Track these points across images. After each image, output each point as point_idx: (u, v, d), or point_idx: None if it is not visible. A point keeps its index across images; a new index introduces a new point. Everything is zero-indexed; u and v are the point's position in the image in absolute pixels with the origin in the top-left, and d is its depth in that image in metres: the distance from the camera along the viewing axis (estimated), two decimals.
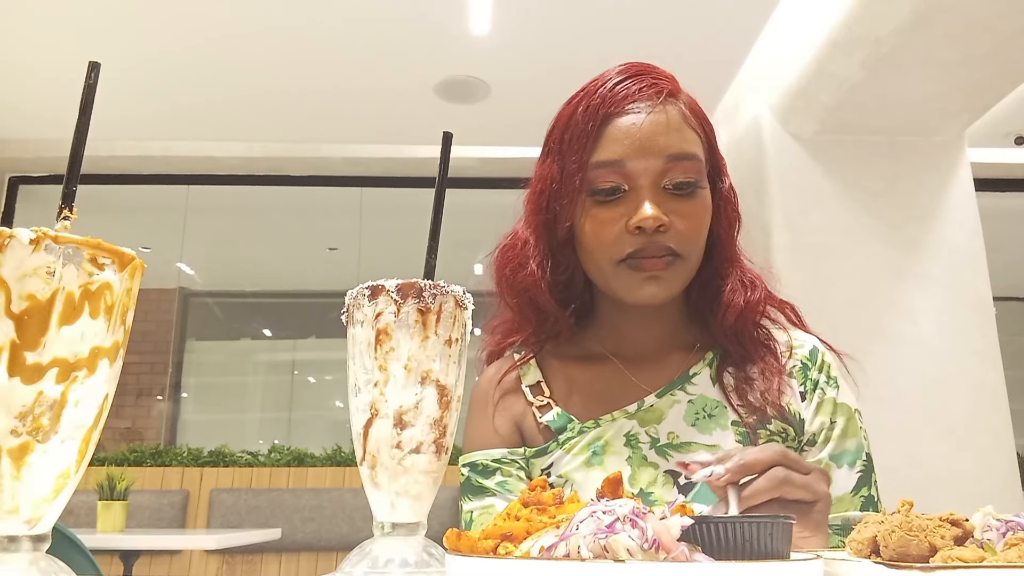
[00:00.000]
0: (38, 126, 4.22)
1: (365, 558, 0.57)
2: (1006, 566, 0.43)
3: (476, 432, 1.00)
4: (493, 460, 0.95)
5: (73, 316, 0.42)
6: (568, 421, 0.95)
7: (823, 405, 0.94)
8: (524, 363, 1.02)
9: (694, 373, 0.96)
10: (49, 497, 0.43)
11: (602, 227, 0.89)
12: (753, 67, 3.50)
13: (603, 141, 0.89)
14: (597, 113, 0.90)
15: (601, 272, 0.91)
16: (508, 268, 0.98)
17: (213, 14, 3.35)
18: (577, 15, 3.33)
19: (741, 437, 0.91)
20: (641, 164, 0.87)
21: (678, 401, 0.94)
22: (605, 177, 0.88)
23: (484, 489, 0.94)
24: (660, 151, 0.87)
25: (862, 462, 0.93)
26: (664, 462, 0.91)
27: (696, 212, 0.89)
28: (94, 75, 0.49)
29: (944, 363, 3.03)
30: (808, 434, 0.93)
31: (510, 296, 0.99)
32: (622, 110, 0.89)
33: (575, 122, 0.91)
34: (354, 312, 0.59)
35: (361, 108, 4.13)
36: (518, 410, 0.99)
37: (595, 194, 0.89)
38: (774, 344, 0.98)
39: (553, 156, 0.94)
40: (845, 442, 0.93)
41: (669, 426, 0.92)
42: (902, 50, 2.61)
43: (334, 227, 5.74)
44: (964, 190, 3.24)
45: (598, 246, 0.89)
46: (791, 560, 0.43)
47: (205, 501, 4.19)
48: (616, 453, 0.92)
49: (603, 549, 0.41)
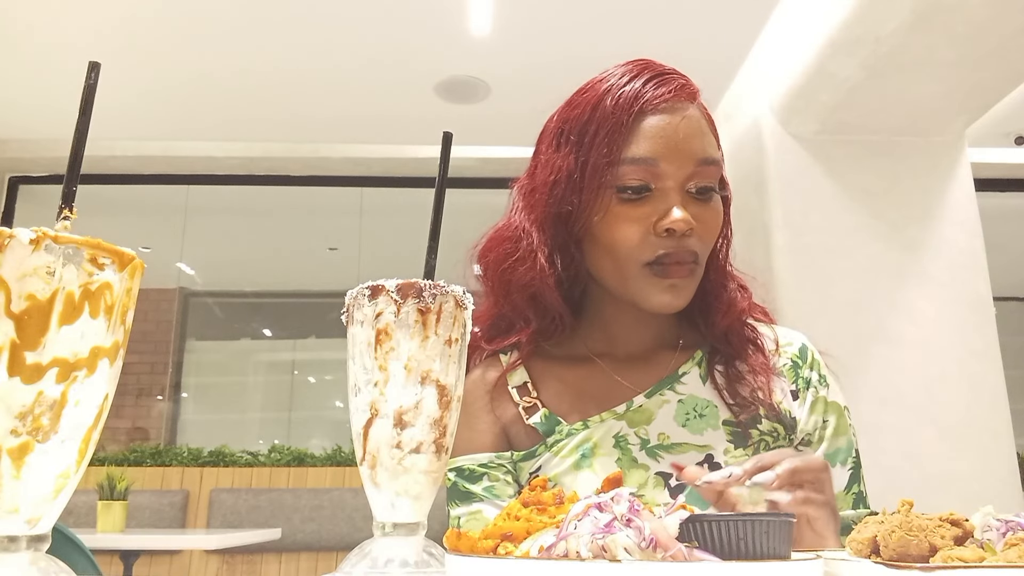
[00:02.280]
0: (38, 126, 4.22)
1: (365, 558, 0.57)
2: (1006, 566, 0.43)
3: (462, 436, 0.96)
4: (480, 465, 0.93)
5: (73, 316, 0.42)
6: (556, 423, 0.93)
7: (816, 404, 0.94)
8: (513, 368, 0.98)
9: (683, 372, 0.95)
10: (49, 497, 0.43)
11: (627, 227, 0.86)
12: (753, 67, 3.50)
13: (636, 137, 0.86)
14: (631, 109, 0.86)
15: (620, 273, 0.88)
16: (506, 261, 0.94)
17: (213, 14, 3.35)
18: (577, 15, 3.32)
19: (732, 437, 0.90)
20: (673, 165, 0.85)
21: (667, 401, 0.92)
22: (635, 174, 0.85)
23: (471, 495, 0.91)
24: (692, 154, 0.86)
25: (852, 459, 0.93)
26: (654, 463, 0.89)
27: (715, 218, 0.89)
28: (94, 75, 0.49)
29: (944, 363, 3.03)
30: (802, 433, 0.93)
31: (507, 292, 0.95)
32: (656, 108, 0.87)
33: (603, 115, 0.87)
34: (354, 312, 0.59)
35: (361, 108, 4.12)
36: (504, 412, 0.96)
37: (622, 191, 0.86)
38: (762, 340, 0.97)
39: (572, 148, 0.89)
40: (837, 440, 0.93)
41: (659, 427, 0.91)
42: (902, 50, 2.61)
43: (334, 227, 5.74)
44: (964, 190, 3.24)
45: (621, 246, 0.86)
46: (791, 560, 0.43)
47: (205, 501, 4.19)
48: (605, 455, 0.90)
49: (601, 549, 0.41)
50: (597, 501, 0.44)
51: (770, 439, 0.91)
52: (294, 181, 4.81)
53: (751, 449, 0.90)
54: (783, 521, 0.44)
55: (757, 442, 0.90)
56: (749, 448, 0.90)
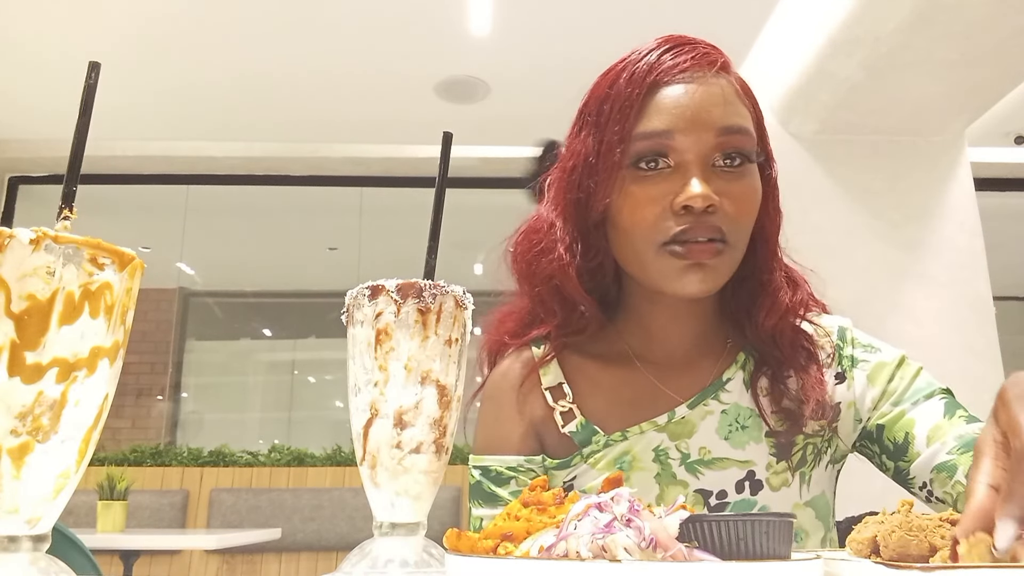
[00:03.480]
0: (38, 126, 4.22)
1: (365, 558, 0.57)
2: (1006, 566, 0.43)
3: (491, 433, 0.91)
4: (508, 468, 0.88)
5: (73, 316, 0.42)
6: (593, 433, 0.87)
7: (875, 374, 0.88)
8: (544, 364, 0.92)
9: (728, 379, 0.89)
10: (49, 497, 0.43)
11: (643, 206, 0.79)
12: (753, 67, 3.50)
13: (649, 111, 0.80)
14: (644, 81, 0.81)
15: (639, 258, 0.81)
16: (531, 253, 0.89)
17: (213, 14, 3.35)
18: (577, 15, 3.33)
19: (776, 449, 0.86)
20: (691, 137, 0.78)
21: (711, 412, 0.87)
22: (649, 149, 0.79)
23: (497, 498, 0.87)
24: (712, 123, 0.79)
25: (940, 389, 0.85)
26: (694, 480, 0.85)
27: (746, 193, 0.81)
28: (94, 75, 0.49)
29: (944, 363, 3.02)
30: (871, 401, 0.87)
31: (532, 284, 0.90)
32: (671, 79, 0.80)
33: (617, 91, 0.82)
34: (354, 312, 0.59)
35: (361, 108, 4.13)
36: (537, 414, 0.90)
37: (637, 169, 0.80)
38: (815, 349, 0.90)
39: (589, 129, 0.84)
40: (917, 383, 0.86)
41: (700, 440, 0.86)
42: (902, 50, 2.61)
43: (334, 227, 5.74)
44: (964, 190, 3.25)
45: (638, 227, 0.80)
46: (791, 560, 0.43)
47: (205, 501, 4.19)
48: (644, 469, 0.85)
49: (601, 549, 0.41)
50: (597, 501, 0.44)
51: (818, 440, 0.87)
52: (294, 181, 4.81)
53: (796, 458, 0.86)
54: (783, 521, 0.44)
55: (802, 448, 0.87)
56: (794, 457, 0.86)
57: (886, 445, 0.86)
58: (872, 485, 0.99)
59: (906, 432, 0.84)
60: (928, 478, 0.81)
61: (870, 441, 0.88)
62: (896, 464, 0.85)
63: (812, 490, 0.88)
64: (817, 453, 0.89)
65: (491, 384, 0.95)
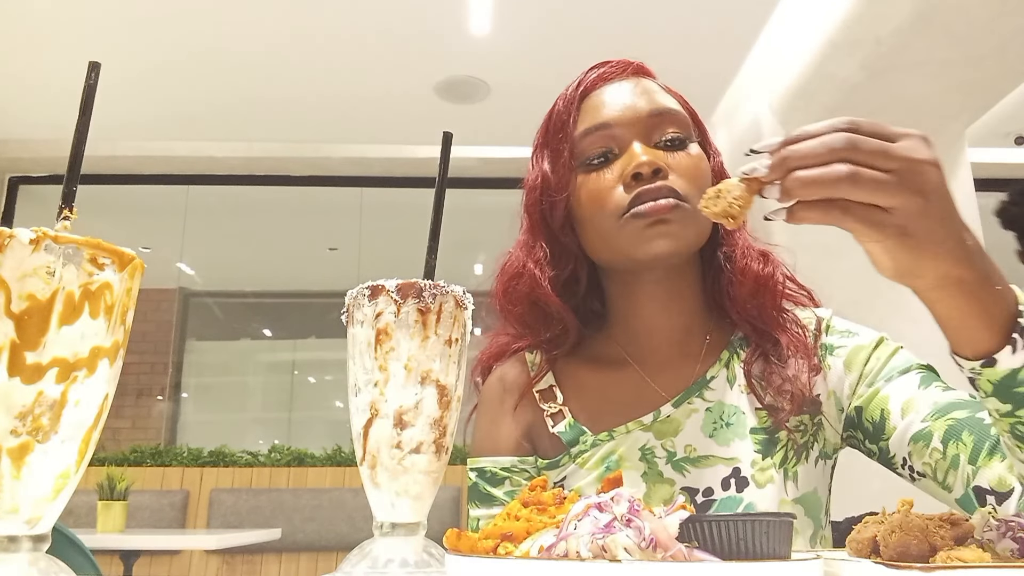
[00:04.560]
0: (38, 126, 4.22)
1: (365, 558, 0.57)
2: (1006, 566, 0.43)
3: (486, 435, 0.95)
4: (503, 468, 0.91)
5: (73, 316, 0.42)
6: (580, 433, 0.90)
7: (851, 359, 0.88)
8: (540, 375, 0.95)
9: (712, 377, 0.91)
10: (49, 497, 0.43)
11: (599, 190, 0.86)
12: (753, 67, 3.50)
13: (584, 115, 0.90)
14: (575, 94, 0.91)
15: (604, 237, 0.86)
16: (507, 280, 0.94)
17: (213, 15, 3.35)
18: (577, 16, 3.33)
19: (760, 446, 0.87)
20: (626, 124, 0.87)
21: (695, 410, 0.89)
22: (594, 144, 0.87)
23: (493, 498, 0.91)
24: (642, 109, 0.87)
25: (917, 364, 0.85)
26: (680, 478, 0.86)
27: (693, 162, 0.86)
28: (94, 75, 0.49)
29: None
30: (849, 387, 0.87)
31: (512, 306, 0.94)
32: (599, 85, 0.91)
33: (556, 112, 0.93)
34: (354, 312, 0.59)
35: (361, 108, 4.13)
36: (529, 416, 0.94)
37: (588, 166, 0.88)
38: (803, 331, 0.91)
39: (540, 151, 0.93)
40: (893, 361, 0.85)
41: (686, 438, 0.87)
42: (902, 50, 2.61)
43: (334, 227, 5.74)
44: (964, 190, 3.25)
45: (596, 209, 0.85)
46: (791, 560, 0.43)
47: (205, 501, 4.19)
48: (631, 468, 0.87)
49: (601, 549, 0.41)
50: (597, 501, 0.44)
51: (799, 436, 0.87)
52: (294, 181, 4.81)
53: (779, 455, 0.87)
54: (783, 521, 0.44)
55: (784, 445, 0.87)
56: (777, 455, 0.87)
57: (866, 427, 0.84)
58: (872, 485, 0.99)
59: (881, 409, 0.82)
60: (907, 452, 0.79)
61: (853, 428, 0.87)
62: (878, 446, 0.83)
63: (800, 487, 0.87)
64: (800, 449, 0.88)
65: (486, 388, 1.00)
